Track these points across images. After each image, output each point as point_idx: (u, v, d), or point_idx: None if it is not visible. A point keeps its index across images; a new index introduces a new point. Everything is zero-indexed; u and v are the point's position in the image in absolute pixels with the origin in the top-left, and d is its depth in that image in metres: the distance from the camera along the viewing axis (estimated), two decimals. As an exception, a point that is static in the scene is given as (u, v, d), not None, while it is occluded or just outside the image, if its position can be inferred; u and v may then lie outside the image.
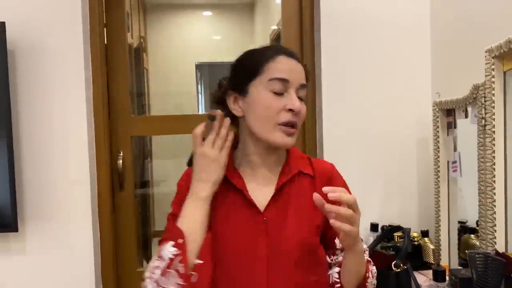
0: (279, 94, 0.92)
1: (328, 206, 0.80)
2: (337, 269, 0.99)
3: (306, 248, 0.96)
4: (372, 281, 0.99)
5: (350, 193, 0.91)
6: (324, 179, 1.01)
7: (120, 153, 1.79)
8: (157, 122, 1.88)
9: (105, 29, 1.76)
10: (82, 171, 1.64)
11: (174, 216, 0.95)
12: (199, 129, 0.96)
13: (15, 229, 1.54)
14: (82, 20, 1.63)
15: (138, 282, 0.94)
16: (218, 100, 1.01)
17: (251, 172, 0.99)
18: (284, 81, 0.92)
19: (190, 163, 1.00)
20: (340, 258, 1.00)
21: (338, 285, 0.97)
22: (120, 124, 1.80)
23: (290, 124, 0.92)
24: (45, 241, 1.63)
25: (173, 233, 0.89)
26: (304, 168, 1.01)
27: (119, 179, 1.79)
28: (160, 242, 0.92)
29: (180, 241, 0.87)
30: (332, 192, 0.80)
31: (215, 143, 0.95)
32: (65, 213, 1.63)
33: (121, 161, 1.78)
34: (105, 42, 1.77)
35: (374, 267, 1.03)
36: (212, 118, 0.96)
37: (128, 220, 1.82)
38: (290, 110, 0.91)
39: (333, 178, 1.02)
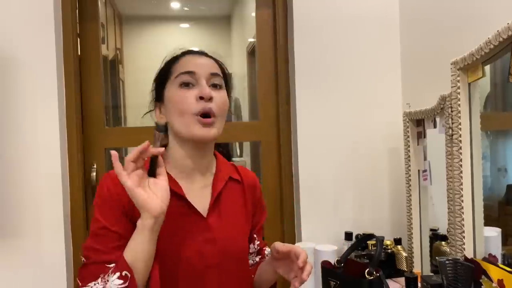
0: (189, 87, 0.93)
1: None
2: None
3: (245, 252, 1.03)
4: None
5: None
6: (251, 186, 1.07)
7: (93, 165, 1.77)
8: (131, 134, 1.86)
9: (78, 40, 1.75)
10: (54, 185, 1.60)
11: (106, 230, 0.87)
12: (132, 156, 0.81)
13: (-17, 245, 1.49)
14: (55, 31, 1.62)
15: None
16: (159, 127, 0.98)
17: (185, 177, 0.97)
18: (190, 73, 0.93)
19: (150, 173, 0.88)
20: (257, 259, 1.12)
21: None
22: (93, 136, 1.78)
23: (206, 113, 0.91)
24: (16, 259, 1.58)
25: (119, 264, 0.82)
26: (233, 174, 1.04)
27: (93, 191, 1.76)
28: (90, 265, 0.85)
29: (124, 273, 0.80)
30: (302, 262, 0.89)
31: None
32: (36, 229, 1.59)
33: (94, 174, 1.75)
34: (79, 53, 1.75)
35: None
36: (162, 128, 0.91)
37: (102, 234, 1.79)
38: (201, 98, 0.91)
39: (257, 186, 1.09)
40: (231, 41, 3.99)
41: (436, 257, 1.30)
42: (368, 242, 1.64)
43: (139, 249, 0.82)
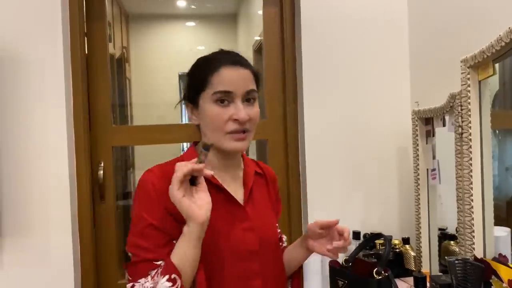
0: (224, 105, 0.95)
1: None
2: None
3: (278, 238, 1.11)
4: None
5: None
6: (272, 178, 1.16)
7: (100, 163, 1.77)
8: (138, 132, 1.87)
9: (86, 39, 1.75)
10: (61, 183, 1.61)
11: (152, 227, 0.90)
12: (187, 172, 0.84)
13: (-8, 243, 1.50)
14: (63, 30, 1.62)
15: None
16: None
17: (219, 172, 1.01)
18: (227, 93, 0.94)
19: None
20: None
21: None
22: (100, 134, 1.78)
23: (239, 131, 0.95)
24: (24, 256, 1.59)
25: (168, 267, 0.85)
26: (256, 168, 1.11)
27: (100, 190, 1.76)
28: (139, 264, 0.88)
29: (173, 276, 0.84)
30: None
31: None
32: (44, 226, 1.60)
33: (101, 172, 1.76)
34: (86, 52, 1.75)
35: None
36: (207, 147, 0.89)
37: (109, 232, 1.80)
38: (236, 120, 0.94)
39: (276, 179, 1.19)
40: (237, 39, 3.98)
41: (446, 257, 1.28)
42: (376, 241, 1.63)
43: (185, 254, 0.85)
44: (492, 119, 1.25)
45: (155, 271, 0.86)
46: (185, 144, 3.87)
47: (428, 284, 1.31)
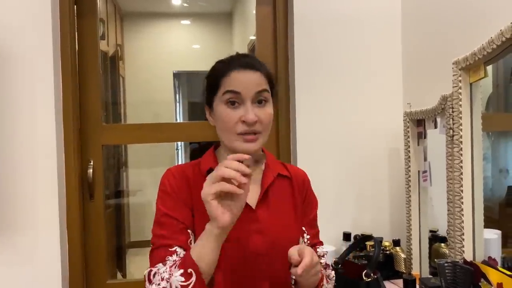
0: (234, 105, 0.96)
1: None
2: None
3: (293, 243, 1.02)
4: (327, 286, 1.06)
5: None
6: (300, 181, 1.12)
7: (90, 162, 1.75)
8: (129, 131, 1.85)
9: (76, 35, 1.73)
10: (50, 181, 1.59)
11: (167, 216, 0.96)
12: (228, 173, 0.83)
13: (-22, 241, 1.48)
14: (53, 25, 1.60)
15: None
16: None
17: None
18: (235, 93, 0.96)
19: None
20: None
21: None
22: (91, 132, 1.77)
23: (248, 133, 0.96)
24: (10, 254, 1.57)
25: (186, 260, 0.87)
26: (282, 171, 1.10)
27: (89, 189, 1.74)
28: (156, 251, 0.94)
29: (189, 271, 0.85)
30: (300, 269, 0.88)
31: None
32: (32, 225, 1.58)
33: (91, 170, 1.74)
34: (77, 49, 1.74)
35: (333, 272, 1.12)
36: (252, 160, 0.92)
37: (98, 231, 1.78)
38: (245, 121, 0.96)
39: (305, 180, 1.14)
40: (232, 38, 3.97)
41: (435, 259, 1.28)
42: (366, 243, 1.63)
43: (204, 251, 0.87)
44: (486, 122, 1.24)
45: (172, 259, 0.91)
46: (178, 143, 3.88)
47: (417, 287, 1.31)
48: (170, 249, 0.93)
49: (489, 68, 1.20)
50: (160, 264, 0.91)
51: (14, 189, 1.57)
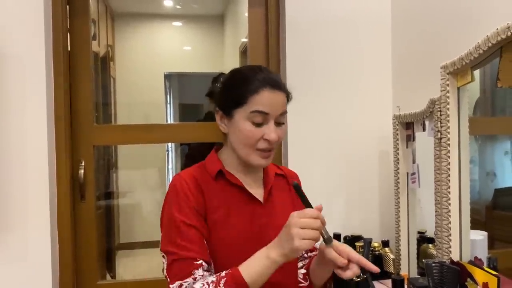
0: (259, 124, 1.00)
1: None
2: (303, 270, 1.14)
3: None
4: None
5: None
6: (293, 179, 1.19)
7: (81, 162, 1.75)
8: (120, 132, 1.85)
9: (68, 35, 1.73)
10: (41, 181, 1.59)
11: (186, 225, 0.96)
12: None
13: (-33, 242, 1.47)
14: (45, 26, 1.60)
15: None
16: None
17: (240, 174, 1.09)
18: (264, 114, 1.00)
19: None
20: (306, 260, 1.17)
21: (302, 285, 1.12)
22: (82, 133, 1.76)
23: (267, 150, 1.02)
24: (1, 255, 1.56)
25: (234, 277, 0.90)
26: (277, 170, 1.18)
27: (80, 189, 1.74)
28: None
29: None
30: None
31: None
32: (22, 225, 1.57)
33: (82, 171, 1.73)
34: (69, 49, 1.73)
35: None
36: (329, 240, 0.94)
37: (89, 232, 1.77)
38: (266, 139, 1.01)
39: (298, 180, 1.22)
40: (224, 40, 3.98)
41: (423, 260, 1.30)
42: (356, 243, 1.64)
43: (258, 272, 0.91)
44: (473, 125, 1.27)
45: (199, 273, 0.92)
46: (169, 144, 3.87)
47: (406, 287, 1.33)
48: (195, 262, 0.93)
49: (476, 73, 1.23)
50: (190, 279, 0.92)
51: (5, 189, 1.56)
